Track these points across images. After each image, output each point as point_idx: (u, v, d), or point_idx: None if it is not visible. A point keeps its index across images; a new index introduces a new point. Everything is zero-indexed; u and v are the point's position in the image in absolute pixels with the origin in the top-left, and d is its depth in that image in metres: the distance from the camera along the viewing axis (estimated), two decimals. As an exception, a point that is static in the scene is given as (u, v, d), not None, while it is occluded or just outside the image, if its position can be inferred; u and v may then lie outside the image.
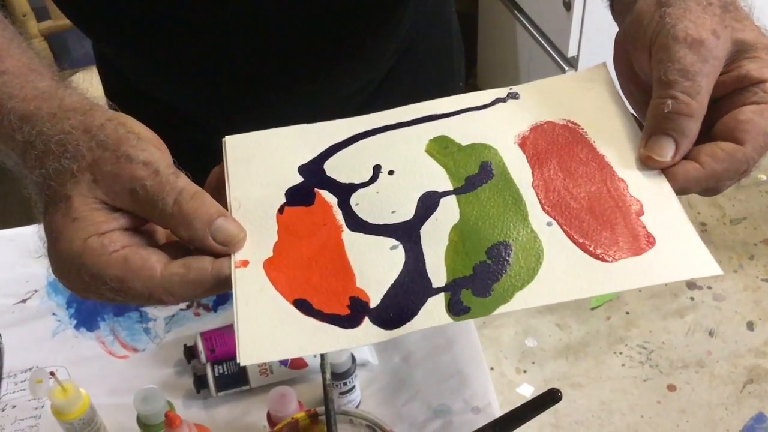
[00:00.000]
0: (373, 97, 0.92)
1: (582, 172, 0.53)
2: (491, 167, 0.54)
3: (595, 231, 0.50)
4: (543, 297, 0.47)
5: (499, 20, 2.34)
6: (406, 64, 0.92)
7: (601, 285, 0.47)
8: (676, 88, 0.49)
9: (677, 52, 0.49)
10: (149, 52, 0.79)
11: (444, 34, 0.97)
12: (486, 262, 0.49)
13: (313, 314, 0.48)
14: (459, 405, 0.81)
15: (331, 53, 0.80)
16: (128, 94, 0.94)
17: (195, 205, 0.48)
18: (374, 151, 0.57)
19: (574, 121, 0.56)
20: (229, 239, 0.49)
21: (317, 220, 0.52)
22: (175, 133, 0.93)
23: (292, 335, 0.47)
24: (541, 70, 2.17)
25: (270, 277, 0.49)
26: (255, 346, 0.46)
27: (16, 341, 0.89)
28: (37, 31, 1.89)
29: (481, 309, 0.47)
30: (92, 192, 0.48)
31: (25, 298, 0.94)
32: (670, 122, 0.50)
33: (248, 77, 0.81)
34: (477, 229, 0.51)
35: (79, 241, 0.47)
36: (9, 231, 1.00)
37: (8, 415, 0.83)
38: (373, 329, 0.47)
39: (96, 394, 0.78)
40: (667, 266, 0.48)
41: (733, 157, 0.50)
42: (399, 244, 0.51)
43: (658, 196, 0.51)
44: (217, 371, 0.82)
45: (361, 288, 0.49)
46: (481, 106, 0.59)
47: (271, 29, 0.76)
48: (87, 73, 1.96)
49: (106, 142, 0.48)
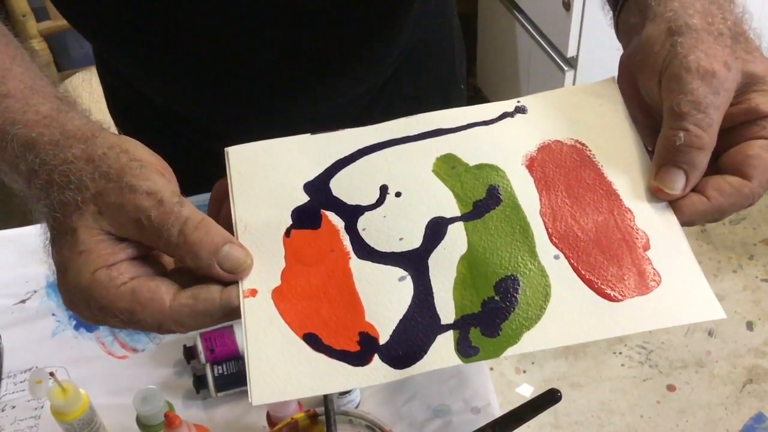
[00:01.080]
0: (375, 100, 0.92)
1: (589, 199, 0.53)
2: (499, 191, 0.54)
3: (602, 266, 0.50)
4: (550, 340, 0.47)
5: (499, 20, 2.34)
6: (408, 68, 0.92)
7: (608, 329, 0.47)
8: (688, 120, 0.49)
9: (690, 83, 0.49)
10: (149, 55, 0.79)
11: (446, 37, 0.97)
12: (494, 298, 0.49)
13: (323, 350, 0.48)
14: (459, 405, 0.81)
15: (333, 58, 0.80)
16: (128, 96, 0.94)
17: (200, 235, 0.48)
18: (381, 169, 0.56)
19: (582, 142, 0.56)
20: (236, 266, 0.49)
21: (324, 246, 0.52)
22: (174, 135, 0.93)
23: (304, 373, 0.47)
24: (540, 70, 2.17)
25: (279, 309, 0.49)
26: (267, 385, 0.47)
27: (16, 341, 0.89)
28: (37, 31, 1.88)
29: (490, 351, 0.47)
30: (97, 223, 0.48)
31: (24, 298, 0.94)
32: (681, 155, 0.50)
33: (249, 81, 0.81)
34: (485, 260, 0.51)
35: (87, 274, 0.47)
36: (9, 231, 1.00)
37: (8, 416, 0.83)
38: (383, 368, 0.47)
39: (95, 394, 0.78)
40: (672, 309, 0.48)
41: (740, 192, 0.50)
42: (407, 275, 0.50)
43: (665, 230, 0.51)
44: (217, 371, 0.82)
45: (370, 323, 0.49)
46: (489, 120, 0.58)
47: (272, 34, 0.76)
48: (86, 74, 1.96)
49: (109, 173, 0.48)
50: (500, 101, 0.59)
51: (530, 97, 0.59)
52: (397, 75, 0.91)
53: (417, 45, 0.90)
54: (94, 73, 1.95)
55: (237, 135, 0.91)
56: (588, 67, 2.02)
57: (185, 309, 0.48)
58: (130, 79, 0.90)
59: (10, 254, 0.97)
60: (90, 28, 0.79)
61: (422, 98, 0.97)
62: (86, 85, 1.92)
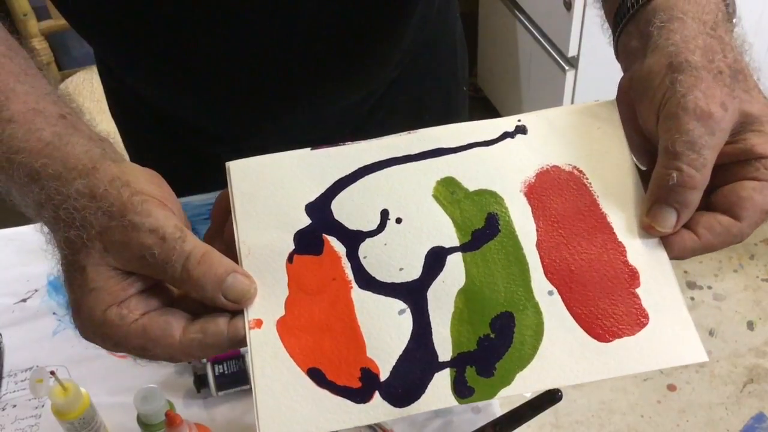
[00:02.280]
0: (378, 104, 0.91)
1: (584, 231, 0.55)
2: (497, 220, 0.55)
3: (592, 302, 0.52)
4: (541, 381, 0.50)
5: (500, 20, 2.34)
6: (411, 72, 0.92)
7: (596, 372, 0.50)
8: (682, 160, 0.50)
9: (686, 124, 0.50)
10: (149, 60, 0.79)
11: (448, 40, 0.97)
12: (489, 336, 0.52)
13: (327, 386, 0.51)
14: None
15: (336, 63, 0.80)
16: (129, 98, 0.94)
17: (203, 270, 0.49)
18: (381, 191, 0.57)
19: (579, 168, 0.57)
20: (240, 296, 0.51)
21: (326, 274, 0.54)
22: (175, 137, 0.94)
23: (309, 410, 0.50)
24: (541, 69, 2.17)
25: (284, 342, 0.52)
26: (274, 421, 0.49)
27: (17, 340, 0.89)
28: (38, 30, 1.89)
29: (484, 392, 0.50)
30: (104, 260, 0.49)
31: (25, 297, 0.94)
32: (674, 194, 0.51)
33: (251, 86, 0.81)
34: (482, 295, 0.53)
35: (99, 312, 0.49)
36: (9, 230, 1.00)
37: (8, 415, 0.83)
38: (383, 406, 0.50)
39: (96, 393, 0.78)
40: (658, 351, 0.51)
41: (729, 231, 0.51)
42: (406, 308, 0.53)
43: (655, 266, 0.53)
44: (218, 371, 0.82)
45: (371, 358, 0.51)
46: (489, 141, 0.59)
47: (275, 39, 0.76)
48: (87, 73, 1.96)
49: (112, 211, 0.49)
50: (501, 118, 0.60)
51: (531, 115, 0.60)
52: (400, 79, 0.91)
53: (420, 49, 0.90)
54: (95, 72, 1.96)
55: (238, 138, 0.91)
56: (589, 67, 2.02)
57: (195, 343, 0.50)
58: (130, 83, 0.90)
59: (10, 253, 0.97)
60: (90, 32, 0.79)
61: (425, 101, 0.97)
62: (87, 84, 1.92)
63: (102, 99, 1.89)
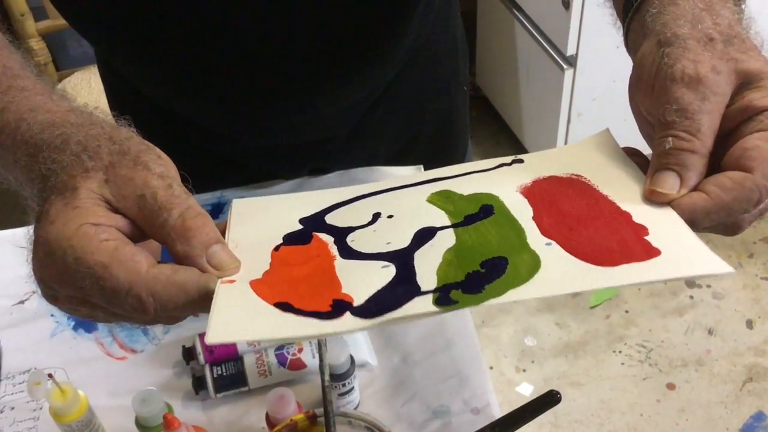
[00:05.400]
0: (378, 103, 0.91)
1: (584, 206, 0.52)
2: (492, 208, 0.54)
3: (597, 248, 0.48)
4: (537, 291, 0.45)
5: (498, 19, 2.34)
6: (411, 72, 0.91)
7: (599, 280, 0.45)
8: (675, 127, 0.49)
9: (675, 92, 0.49)
10: (150, 59, 0.79)
11: (449, 40, 0.97)
12: (479, 271, 0.47)
13: (292, 311, 0.47)
14: (458, 405, 0.81)
15: (336, 63, 0.80)
16: (129, 96, 0.94)
17: (198, 223, 0.49)
18: (376, 204, 0.58)
19: (578, 174, 0.56)
20: (222, 265, 0.50)
21: (312, 253, 0.53)
22: (176, 135, 0.93)
23: (267, 322, 0.46)
24: (539, 68, 2.16)
25: (254, 288, 0.49)
26: (225, 327, 0.45)
27: (15, 342, 0.89)
28: (35, 30, 1.88)
29: (469, 302, 0.45)
30: (100, 189, 0.49)
31: (23, 299, 0.93)
32: (671, 157, 0.49)
33: (252, 85, 0.81)
34: (473, 249, 0.50)
35: (74, 225, 0.47)
36: (7, 232, 1.00)
37: (6, 417, 0.83)
38: (354, 320, 0.45)
39: (94, 395, 0.78)
40: (672, 265, 0.46)
41: (742, 185, 0.48)
42: (391, 264, 0.50)
43: (663, 221, 0.50)
44: (216, 372, 0.82)
45: (346, 292, 0.48)
46: (485, 170, 0.60)
47: (276, 39, 0.75)
48: (85, 73, 1.96)
49: (128, 150, 0.50)
50: (498, 158, 0.61)
51: (528, 155, 0.61)
52: (400, 78, 0.91)
53: (420, 48, 0.90)
54: (93, 72, 1.96)
55: (239, 138, 0.91)
56: (587, 66, 2.02)
57: (162, 277, 0.47)
58: (131, 81, 0.90)
59: (8, 255, 0.96)
60: (89, 30, 0.78)
61: (425, 100, 0.97)
62: (85, 84, 1.92)
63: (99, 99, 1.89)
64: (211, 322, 0.46)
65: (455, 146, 1.05)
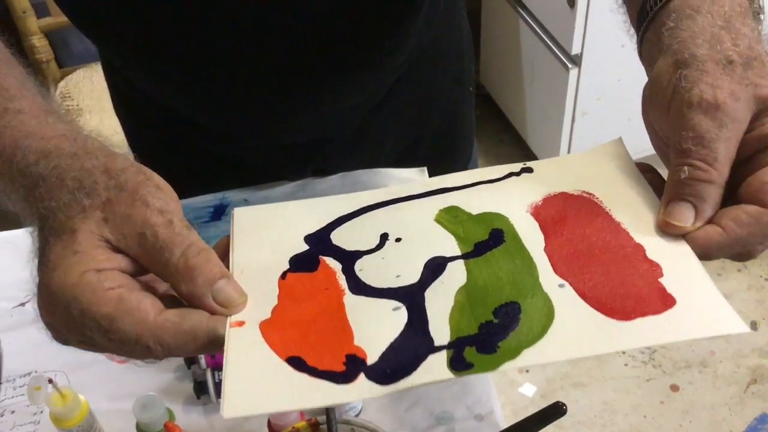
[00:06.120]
0: (382, 104, 0.91)
1: (597, 238, 0.51)
2: (502, 234, 0.53)
3: (610, 293, 0.47)
4: (551, 354, 0.44)
5: (503, 17, 2.33)
6: (417, 71, 0.91)
7: (614, 342, 0.45)
8: (691, 156, 0.47)
9: (692, 119, 0.47)
10: (153, 60, 0.78)
11: (454, 40, 0.96)
12: (493, 321, 0.47)
13: (306, 370, 0.46)
14: (462, 412, 0.80)
15: (340, 63, 0.79)
16: (133, 96, 0.93)
17: (201, 261, 0.47)
18: (383, 220, 0.56)
19: (588, 191, 0.55)
20: (229, 301, 0.49)
21: (319, 285, 0.52)
22: (179, 136, 0.93)
23: (282, 389, 0.45)
24: (544, 67, 2.15)
25: (265, 336, 0.48)
26: (241, 398, 0.45)
27: (15, 345, 0.88)
28: (37, 27, 1.88)
29: (485, 365, 0.44)
30: (99, 229, 0.47)
31: (24, 301, 0.93)
32: (687, 188, 0.48)
33: (255, 86, 0.80)
34: (485, 290, 0.49)
35: (76, 273, 0.46)
36: (8, 233, 0.99)
37: (7, 421, 0.82)
38: (369, 385, 0.45)
39: (95, 399, 0.77)
40: (687, 324, 0.45)
41: (759, 221, 0.47)
42: (402, 306, 0.49)
43: (677, 259, 0.48)
44: (218, 377, 0.81)
45: (358, 345, 0.47)
46: (494, 180, 0.58)
47: (279, 39, 0.75)
48: (87, 71, 1.95)
49: (125, 185, 0.48)
50: (507, 164, 0.59)
51: (536, 162, 0.59)
52: (405, 78, 0.90)
53: (425, 48, 0.89)
54: (95, 69, 1.96)
55: (240, 137, 0.91)
56: (592, 65, 2.01)
57: (169, 325, 0.46)
58: (135, 80, 0.89)
59: (9, 256, 0.96)
60: (92, 29, 0.78)
61: (430, 101, 0.96)
62: (87, 82, 1.91)
63: (101, 97, 1.89)
64: (226, 394, 0.45)
65: (461, 147, 1.05)
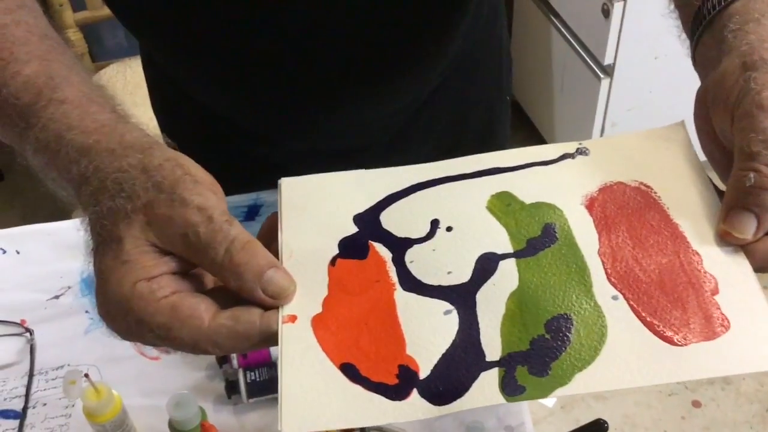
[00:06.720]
0: (421, 110, 0.90)
1: (653, 241, 0.50)
2: (555, 230, 0.52)
3: (665, 309, 0.47)
4: (604, 382, 0.44)
5: (535, 25, 2.32)
6: (455, 79, 0.90)
7: (669, 373, 0.44)
8: (759, 160, 0.47)
9: (762, 122, 0.47)
10: (197, 58, 0.79)
11: (494, 50, 0.96)
12: (544, 336, 0.47)
13: (360, 381, 0.46)
14: (492, 422, 0.80)
15: (382, 68, 0.79)
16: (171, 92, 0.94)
17: (246, 257, 0.47)
18: (433, 203, 0.55)
19: (646, 184, 0.54)
20: (279, 292, 0.49)
21: (370, 276, 0.51)
22: (215, 134, 0.93)
23: (338, 404, 0.46)
24: (575, 76, 2.14)
25: (318, 337, 0.48)
26: (299, 414, 0.45)
27: (48, 338, 0.89)
28: (73, 21, 1.89)
29: (537, 390, 0.44)
30: (144, 234, 0.47)
31: (58, 294, 0.93)
32: (752, 197, 0.47)
33: (297, 89, 0.80)
34: (536, 298, 0.48)
35: (129, 285, 0.47)
36: (46, 225, 1.00)
37: (38, 413, 0.83)
38: (422, 404, 0.45)
39: (127, 394, 0.78)
40: (742, 356, 0.45)
41: None
42: (453, 309, 0.49)
43: (735, 274, 0.48)
44: (249, 377, 0.81)
45: (410, 356, 0.47)
46: (548, 161, 0.57)
47: (323, 44, 0.75)
48: (120, 65, 1.96)
49: (162, 184, 0.48)
50: (561, 143, 0.58)
51: (592, 141, 0.58)
52: (443, 85, 0.90)
53: (466, 56, 0.89)
54: (128, 64, 1.97)
55: (279, 140, 0.91)
56: (624, 76, 1.99)
57: (223, 330, 0.47)
58: (174, 77, 0.90)
59: (45, 249, 0.97)
60: (138, 26, 0.78)
61: (468, 109, 0.96)
62: (120, 76, 1.92)
63: (135, 91, 1.90)
64: (283, 410, 0.46)
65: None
